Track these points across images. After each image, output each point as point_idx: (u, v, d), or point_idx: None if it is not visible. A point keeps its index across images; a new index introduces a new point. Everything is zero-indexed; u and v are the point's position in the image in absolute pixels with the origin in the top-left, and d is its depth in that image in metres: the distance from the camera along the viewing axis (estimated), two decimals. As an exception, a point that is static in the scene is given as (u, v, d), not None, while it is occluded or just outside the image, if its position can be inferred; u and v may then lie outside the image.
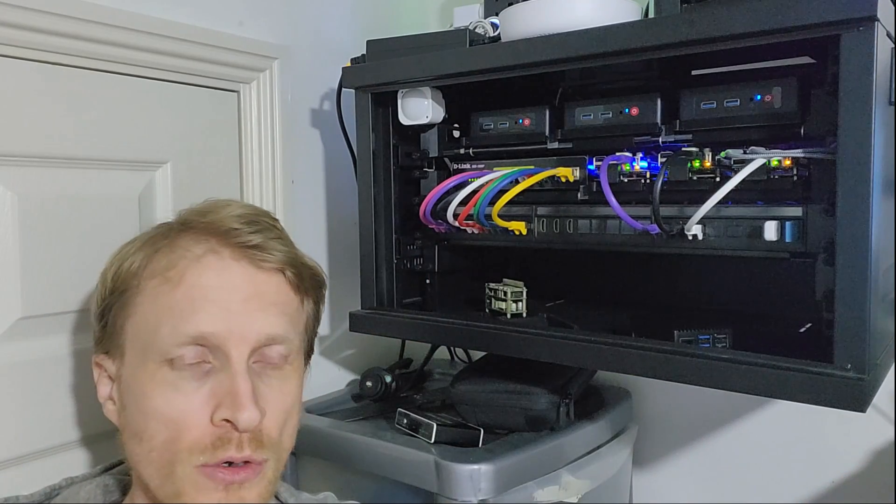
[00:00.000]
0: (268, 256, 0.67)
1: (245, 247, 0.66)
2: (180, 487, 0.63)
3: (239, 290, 0.65)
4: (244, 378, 0.63)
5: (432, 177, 1.13)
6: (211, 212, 0.68)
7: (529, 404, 0.99)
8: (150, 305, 0.65)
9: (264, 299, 0.67)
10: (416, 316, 1.03)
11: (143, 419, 0.63)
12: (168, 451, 0.62)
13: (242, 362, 0.64)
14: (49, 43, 0.87)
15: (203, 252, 0.66)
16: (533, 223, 1.00)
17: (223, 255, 0.66)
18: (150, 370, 0.63)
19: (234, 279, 0.65)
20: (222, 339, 0.63)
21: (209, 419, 0.62)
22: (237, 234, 0.66)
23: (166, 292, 0.64)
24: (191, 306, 0.64)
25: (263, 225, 0.69)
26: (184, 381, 0.63)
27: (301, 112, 1.23)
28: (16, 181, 0.86)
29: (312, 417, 1.14)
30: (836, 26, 0.68)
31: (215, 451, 0.62)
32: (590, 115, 0.94)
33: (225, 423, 0.62)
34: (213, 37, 1.05)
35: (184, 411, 0.62)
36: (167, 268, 0.65)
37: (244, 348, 0.64)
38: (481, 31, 0.99)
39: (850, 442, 1.09)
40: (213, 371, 0.64)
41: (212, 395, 0.63)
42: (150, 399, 0.63)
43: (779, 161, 0.81)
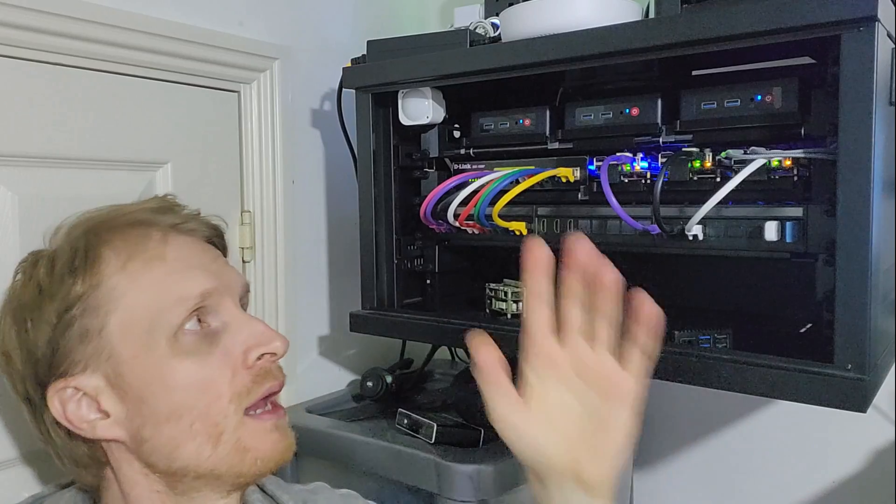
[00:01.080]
0: (198, 228, 0.72)
1: (178, 225, 0.70)
2: (240, 439, 0.65)
3: (205, 255, 0.70)
4: (253, 318, 0.68)
5: (433, 177, 1.13)
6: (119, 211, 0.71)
7: (530, 404, 0.98)
8: (141, 287, 0.65)
9: (221, 259, 0.72)
10: (416, 316, 1.03)
11: (173, 396, 0.63)
12: (213, 412, 0.64)
13: (240, 309, 0.69)
14: (49, 43, 0.87)
15: (162, 233, 0.69)
16: (533, 223, 1.00)
17: (174, 232, 0.70)
18: (161, 350, 0.64)
19: (195, 248, 0.70)
20: (219, 295, 0.67)
21: (242, 365, 0.65)
22: (163, 217, 0.70)
23: (153, 269, 0.66)
24: (183, 274, 0.66)
25: (176, 206, 0.74)
26: (198, 346, 0.65)
27: (301, 112, 1.23)
28: (16, 181, 0.86)
29: (313, 417, 1.14)
30: (837, 26, 0.68)
31: (258, 386, 0.66)
32: (590, 115, 0.94)
33: (260, 360, 0.66)
34: (213, 37, 1.06)
35: (213, 368, 0.64)
36: (138, 251, 0.66)
37: (235, 299, 0.69)
38: (482, 31, 0.99)
39: (850, 442, 1.09)
40: (219, 331, 0.66)
41: (232, 346, 0.66)
42: (179, 374, 0.64)
43: (779, 161, 0.81)
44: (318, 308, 1.28)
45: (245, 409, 0.66)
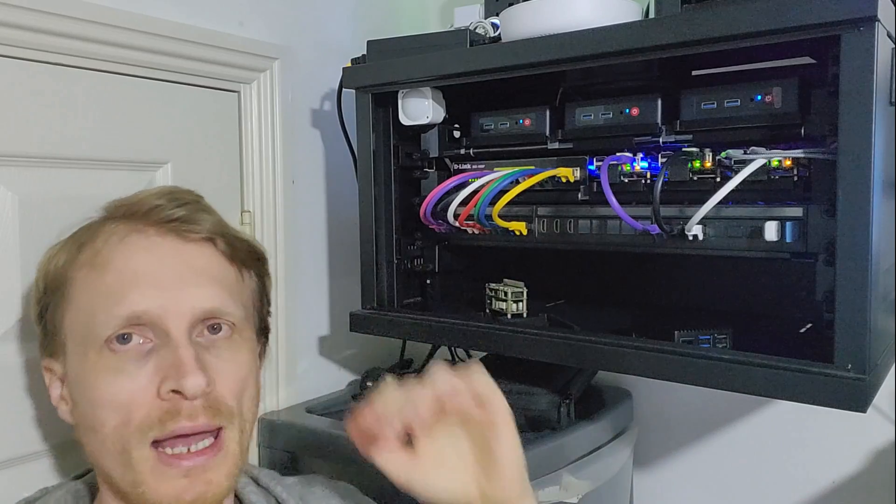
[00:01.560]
0: (194, 227, 0.66)
1: (169, 221, 0.66)
2: (139, 474, 0.61)
3: (168, 266, 0.64)
4: (185, 347, 0.62)
5: (433, 177, 1.13)
6: (132, 197, 0.69)
7: (530, 404, 0.98)
8: (83, 295, 0.64)
9: (196, 272, 0.66)
10: (416, 316, 1.03)
11: (93, 409, 0.62)
12: (121, 436, 0.61)
13: (182, 335, 0.63)
14: (49, 43, 0.87)
15: (126, 233, 0.65)
16: (533, 223, 1.00)
17: (147, 233, 0.65)
18: (91, 359, 0.62)
19: (161, 255, 0.65)
20: (157, 317, 0.62)
21: (155, 395, 0.61)
22: (159, 209, 0.66)
23: (95, 278, 0.64)
24: (121, 288, 0.63)
25: (186, 199, 0.68)
26: (126, 362, 0.62)
27: (301, 112, 1.23)
28: (16, 181, 0.86)
29: (312, 417, 1.14)
30: (837, 26, 0.68)
31: (164, 424, 0.61)
32: (590, 115, 0.94)
33: (173, 395, 0.61)
34: (213, 37, 1.06)
35: (130, 391, 0.61)
36: (93, 255, 0.65)
37: (182, 322, 0.63)
38: (482, 31, 0.99)
39: (850, 442, 1.09)
40: (154, 349, 0.63)
41: (156, 371, 0.61)
42: (97, 387, 0.62)
43: (779, 161, 0.81)
44: (318, 308, 1.28)
45: (153, 442, 0.61)
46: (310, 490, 0.80)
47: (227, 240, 0.69)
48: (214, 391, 0.63)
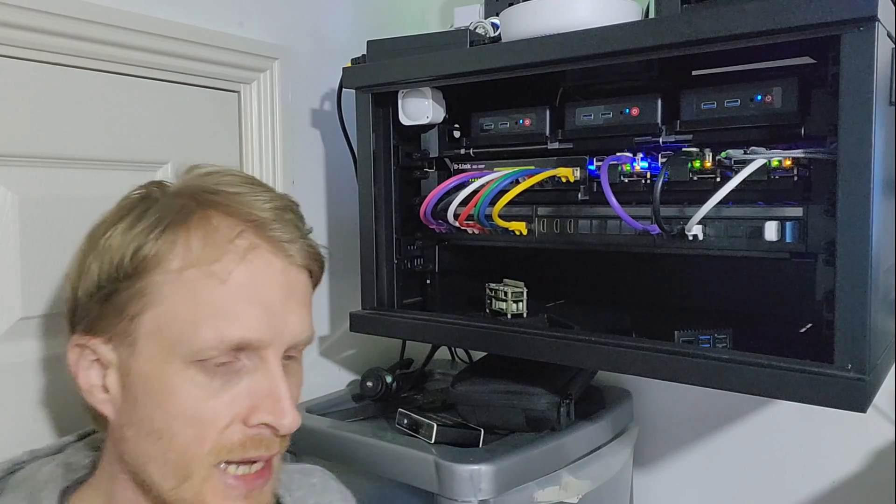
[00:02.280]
0: (299, 252, 0.65)
1: (280, 241, 0.63)
2: (197, 491, 0.60)
3: (279, 289, 0.63)
4: (283, 381, 0.61)
5: (433, 177, 1.13)
6: (232, 193, 0.63)
7: (530, 404, 0.99)
8: (186, 300, 0.59)
9: (297, 299, 0.65)
10: (416, 316, 1.03)
11: (166, 418, 0.60)
12: (189, 452, 0.60)
13: (279, 363, 0.62)
14: (49, 43, 0.87)
15: (247, 246, 0.61)
16: (533, 223, 1.00)
17: (262, 249, 0.62)
18: (177, 367, 0.59)
19: (274, 277, 0.62)
20: (261, 344, 0.61)
21: (241, 421, 0.60)
22: (273, 226, 0.63)
23: (209, 288, 0.59)
24: (236, 309, 0.60)
25: (292, 216, 0.66)
26: (215, 382, 0.60)
27: (301, 112, 1.23)
28: (16, 181, 0.86)
29: (312, 417, 1.14)
30: (837, 26, 0.68)
31: (245, 451, 0.61)
32: (590, 115, 0.94)
33: (261, 426, 0.60)
34: (213, 37, 1.06)
35: (214, 413, 0.59)
36: (210, 259, 0.60)
37: (280, 350, 0.62)
38: (482, 31, 0.99)
39: (850, 442, 1.09)
40: (244, 371, 0.61)
41: (246, 396, 0.60)
42: (178, 398, 0.59)
43: (779, 161, 0.81)
44: (318, 308, 1.27)
45: (229, 460, 0.61)
46: (308, 482, 0.79)
47: (319, 265, 0.69)
48: None
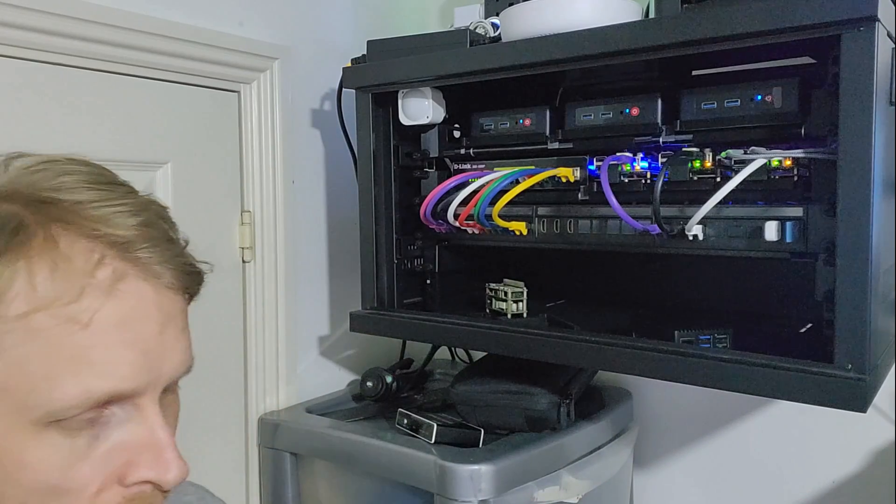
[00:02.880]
0: (170, 274, 0.52)
1: (150, 264, 0.50)
2: None
3: (155, 323, 0.51)
4: (164, 429, 0.50)
5: (433, 177, 1.13)
6: (82, 201, 0.50)
7: (530, 404, 0.99)
8: (38, 351, 0.46)
9: (174, 328, 0.53)
10: (416, 316, 1.03)
11: (21, 495, 0.48)
12: None
13: (157, 409, 0.51)
14: (49, 43, 0.87)
15: (110, 279, 0.48)
16: (533, 223, 1.00)
17: (129, 276, 0.49)
18: (28, 433, 0.47)
19: (147, 309, 0.50)
20: (136, 392, 0.49)
21: (117, 481, 0.49)
22: (140, 246, 0.50)
23: (68, 335, 0.47)
24: (104, 356, 0.48)
25: (160, 229, 0.53)
26: (79, 441, 0.48)
27: (301, 112, 1.23)
28: (16, 181, 0.86)
29: (312, 417, 1.14)
30: (837, 26, 0.68)
31: None
32: (590, 115, 0.94)
33: (144, 484, 0.50)
34: (213, 37, 1.06)
35: (82, 478, 0.48)
36: (66, 299, 0.46)
37: (158, 392, 0.51)
38: (482, 31, 0.99)
39: (850, 442, 1.09)
40: (113, 422, 0.49)
41: (119, 451, 0.49)
42: (34, 469, 0.47)
43: (779, 161, 0.81)
44: (318, 308, 1.28)
45: None
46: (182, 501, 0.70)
47: (195, 285, 0.56)
48: None
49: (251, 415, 1.17)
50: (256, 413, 1.17)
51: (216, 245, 1.13)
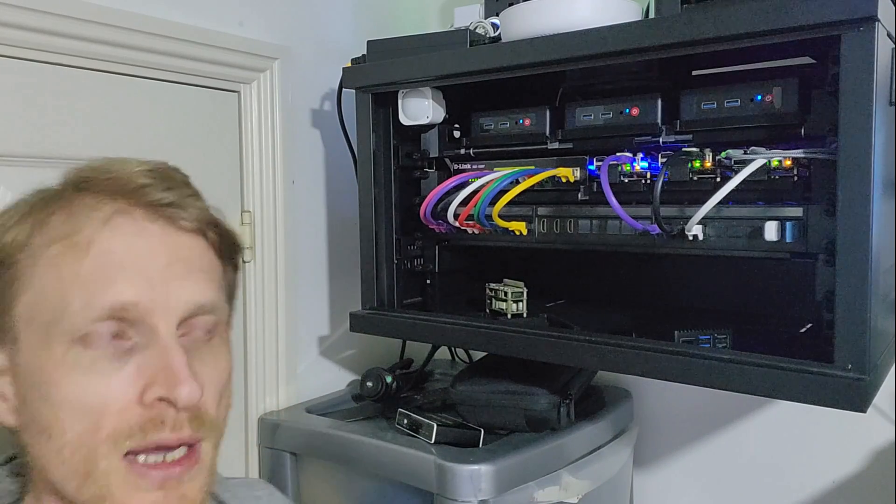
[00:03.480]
0: (186, 215, 0.59)
1: (159, 205, 0.58)
2: (104, 487, 0.54)
3: (158, 255, 0.57)
4: (177, 350, 0.55)
5: (433, 177, 1.13)
6: (110, 169, 0.59)
7: (530, 404, 0.99)
8: (52, 277, 0.55)
9: (188, 264, 0.58)
10: (416, 316, 1.03)
11: (52, 411, 0.54)
12: (86, 446, 0.54)
13: (171, 334, 0.56)
14: (49, 43, 0.87)
15: (110, 213, 0.56)
16: (533, 223, 1.00)
17: (135, 215, 0.57)
18: (56, 353, 0.54)
19: (151, 243, 0.57)
20: (145, 311, 0.55)
21: (137, 400, 0.54)
22: (148, 191, 0.57)
23: (72, 261, 0.55)
24: (104, 275, 0.54)
25: (177, 180, 0.61)
26: (101, 361, 0.54)
27: (301, 112, 1.23)
28: (15, 181, 0.86)
29: (312, 417, 1.14)
30: (837, 26, 0.68)
31: (146, 434, 0.54)
32: (590, 115, 0.94)
33: (158, 403, 0.54)
34: (213, 37, 1.06)
35: (104, 395, 0.54)
36: (70, 233, 0.55)
37: (171, 319, 0.56)
38: (482, 31, 0.99)
39: (850, 442, 1.09)
40: (136, 348, 0.55)
41: (138, 375, 0.54)
42: (60, 387, 0.54)
43: (779, 161, 0.81)
44: (318, 308, 1.28)
45: (126, 453, 0.55)
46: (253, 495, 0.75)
47: (218, 231, 0.62)
48: (200, 400, 0.56)
49: (251, 415, 1.17)
50: (256, 413, 1.17)
51: (216, 245, 1.12)
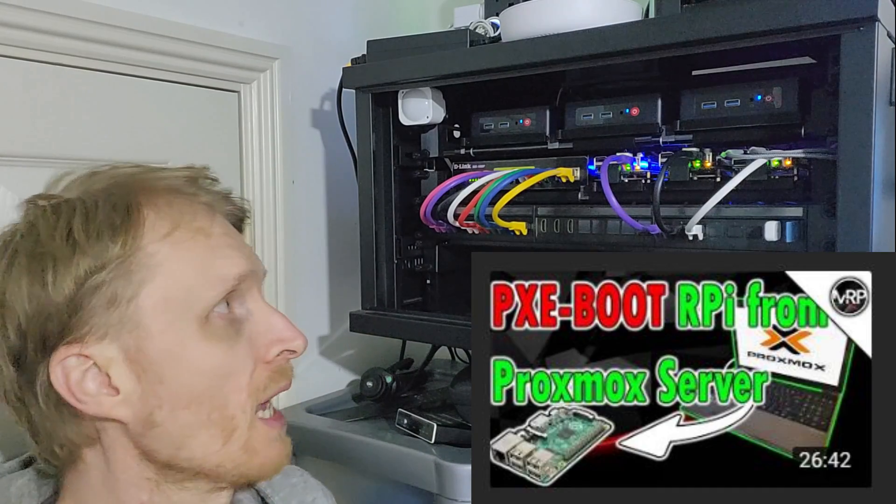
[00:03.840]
0: (228, 209, 0.68)
1: (205, 198, 0.66)
2: (249, 440, 0.63)
3: (237, 236, 0.67)
4: (275, 313, 0.66)
5: (433, 177, 1.13)
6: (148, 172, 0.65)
7: (530, 404, 0.98)
8: (183, 260, 0.61)
9: (243, 241, 0.68)
10: (416, 316, 1.04)
11: (202, 379, 0.60)
12: (231, 404, 0.62)
13: (263, 300, 0.66)
14: (49, 43, 0.87)
15: (207, 205, 0.65)
16: (533, 223, 1.00)
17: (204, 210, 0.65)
18: (191, 330, 0.60)
19: (226, 227, 0.66)
20: (249, 282, 0.64)
21: (262, 360, 0.63)
22: (196, 188, 0.66)
23: (199, 243, 0.62)
24: (223, 252, 0.63)
25: (205, 177, 0.68)
26: (226, 331, 0.62)
27: (301, 112, 1.23)
28: (15, 181, 0.86)
29: (312, 417, 1.14)
30: (837, 26, 0.68)
31: (273, 384, 0.64)
32: (590, 115, 0.94)
33: (280, 356, 0.64)
34: (213, 37, 1.06)
35: (240, 361, 0.62)
36: (188, 219, 0.62)
37: (259, 285, 0.66)
38: (482, 31, 0.99)
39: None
40: (241, 319, 0.64)
41: (253, 339, 0.63)
42: (203, 357, 0.60)
43: (779, 161, 0.81)
44: (318, 308, 1.28)
45: (261, 401, 0.64)
46: (289, 482, 0.78)
47: (244, 216, 0.71)
48: None
49: (251, 415, 1.17)
50: (256, 413, 1.16)
51: (216, 245, 1.12)
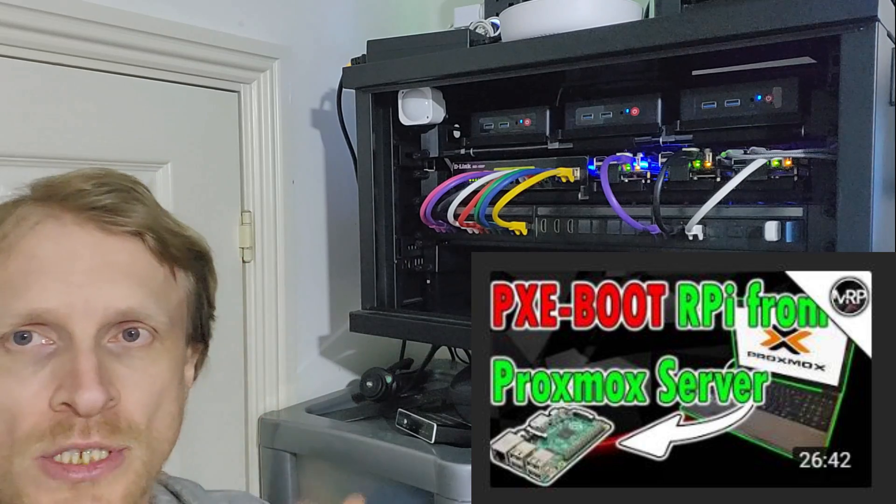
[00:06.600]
0: (119, 219, 0.58)
1: (92, 209, 0.58)
2: (19, 486, 0.54)
3: (81, 259, 0.57)
4: (86, 356, 0.55)
5: (433, 177, 1.13)
6: (54, 178, 0.60)
7: (530, 404, 0.99)
8: None
9: (114, 269, 0.58)
10: (416, 316, 1.04)
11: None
12: (4, 445, 0.54)
13: (87, 339, 0.55)
14: (49, 43, 0.87)
15: (39, 218, 0.58)
16: (533, 223, 1.00)
17: (64, 220, 0.58)
18: None
19: (75, 246, 0.57)
20: (62, 316, 0.55)
21: (48, 404, 0.54)
22: (83, 195, 0.58)
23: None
24: (24, 280, 0.55)
25: (118, 186, 0.60)
26: (20, 364, 0.55)
27: (301, 112, 1.23)
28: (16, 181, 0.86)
29: (312, 417, 1.14)
30: (837, 26, 0.68)
31: (55, 437, 0.54)
32: (590, 115, 0.94)
33: (65, 408, 0.54)
34: (213, 37, 1.06)
35: (19, 396, 0.54)
36: (1, 239, 0.57)
37: (89, 325, 0.56)
38: (482, 31, 0.99)
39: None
40: (56, 352, 0.55)
41: (52, 378, 0.54)
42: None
43: (779, 161, 0.81)
44: (318, 308, 1.28)
45: (45, 453, 0.54)
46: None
47: (159, 235, 0.61)
48: (118, 406, 0.55)
49: (251, 415, 1.17)
50: (256, 413, 1.17)
51: (216, 245, 1.10)
